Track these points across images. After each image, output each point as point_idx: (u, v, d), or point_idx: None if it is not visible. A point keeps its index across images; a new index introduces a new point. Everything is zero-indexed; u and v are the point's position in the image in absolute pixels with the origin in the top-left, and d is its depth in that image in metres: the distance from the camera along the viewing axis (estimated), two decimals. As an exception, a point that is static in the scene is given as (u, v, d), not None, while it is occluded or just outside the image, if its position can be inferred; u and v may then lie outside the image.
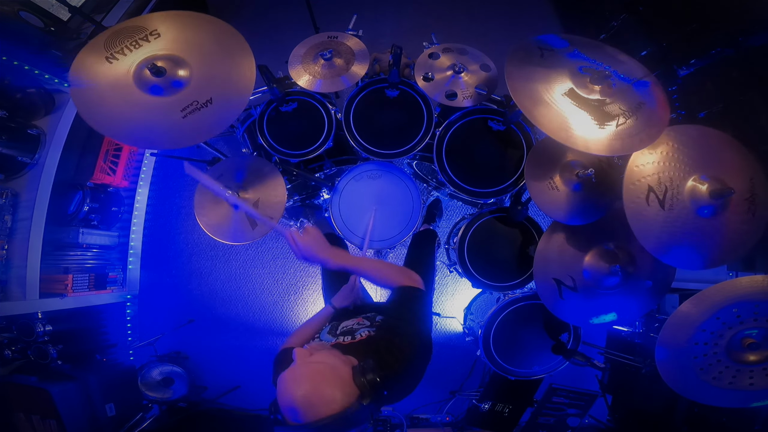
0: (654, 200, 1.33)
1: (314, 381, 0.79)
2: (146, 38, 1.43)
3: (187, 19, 1.48)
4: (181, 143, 1.39)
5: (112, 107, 1.35)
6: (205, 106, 1.36)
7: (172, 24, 1.46)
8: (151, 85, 1.36)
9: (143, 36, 1.42)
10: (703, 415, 1.92)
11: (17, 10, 1.86)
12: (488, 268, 1.81)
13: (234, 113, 1.39)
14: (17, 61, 2.09)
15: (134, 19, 1.48)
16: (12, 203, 2.12)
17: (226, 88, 1.39)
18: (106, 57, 1.39)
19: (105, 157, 2.57)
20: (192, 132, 1.36)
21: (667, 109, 1.38)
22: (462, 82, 1.70)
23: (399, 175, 1.80)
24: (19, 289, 2.07)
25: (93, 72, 1.37)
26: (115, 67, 1.38)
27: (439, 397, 2.42)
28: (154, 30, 1.44)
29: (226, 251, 2.83)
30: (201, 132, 1.37)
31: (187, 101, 1.36)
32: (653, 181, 1.33)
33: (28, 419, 2.06)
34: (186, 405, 2.58)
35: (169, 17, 1.48)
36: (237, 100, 1.39)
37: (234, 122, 2.00)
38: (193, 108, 1.36)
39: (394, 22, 3.00)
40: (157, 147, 1.68)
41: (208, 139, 1.43)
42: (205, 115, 1.36)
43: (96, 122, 1.33)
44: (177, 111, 1.35)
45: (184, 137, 1.38)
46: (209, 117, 1.36)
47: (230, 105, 1.38)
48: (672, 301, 1.96)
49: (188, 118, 1.35)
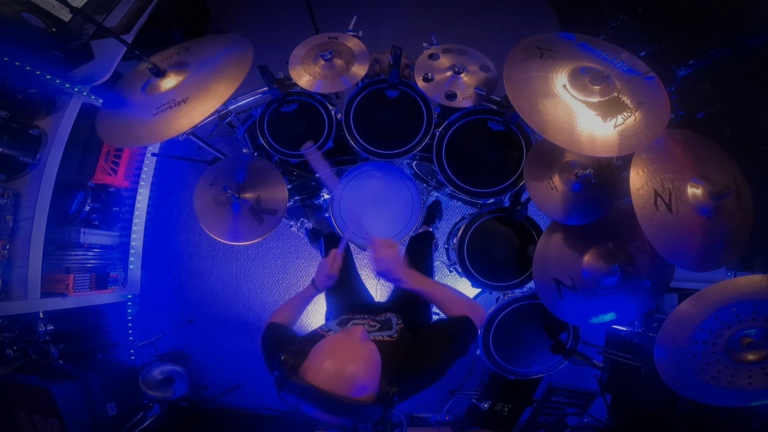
0: (662, 204, 1.33)
1: (367, 364, 0.82)
2: (179, 52, 1.53)
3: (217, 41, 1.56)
4: (143, 141, 1.38)
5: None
6: (177, 105, 1.32)
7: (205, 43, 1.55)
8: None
9: (178, 51, 1.54)
10: (701, 414, 1.92)
11: (19, 10, 1.87)
12: (488, 267, 1.82)
13: (200, 116, 1.32)
14: (19, 61, 2.10)
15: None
16: (13, 203, 2.13)
17: (204, 91, 1.35)
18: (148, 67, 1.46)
19: (106, 157, 2.58)
20: (154, 131, 1.32)
21: (667, 108, 1.39)
22: (462, 82, 1.71)
23: (399, 175, 1.81)
24: (21, 289, 2.08)
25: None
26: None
27: (439, 397, 2.42)
28: (189, 47, 1.53)
29: (227, 251, 2.83)
30: (162, 132, 1.31)
31: (165, 99, 1.34)
32: (657, 184, 1.34)
33: (29, 418, 2.07)
34: (187, 404, 2.59)
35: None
36: (210, 104, 1.32)
37: (234, 125, 2.00)
38: (166, 106, 1.32)
39: (394, 23, 3.00)
40: (116, 143, 1.65)
41: (165, 139, 1.38)
42: (173, 115, 1.32)
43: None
44: (152, 108, 1.34)
45: (146, 136, 1.34)
46: (177, 118, 1.31)
47: (201, 108, 1.31)
48: (671, 301, 1.97)
49: (158, 116, 1.32)
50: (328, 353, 0.81)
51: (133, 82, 1.51)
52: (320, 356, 0.81)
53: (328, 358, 0.80)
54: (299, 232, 2.51)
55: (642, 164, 1.36)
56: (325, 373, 0.78)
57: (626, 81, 1.39)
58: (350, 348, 0.82)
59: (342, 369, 0.79)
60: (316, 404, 0.77)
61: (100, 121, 1.43)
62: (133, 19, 2.30)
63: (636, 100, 1.36)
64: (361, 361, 0.81)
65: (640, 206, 1.32)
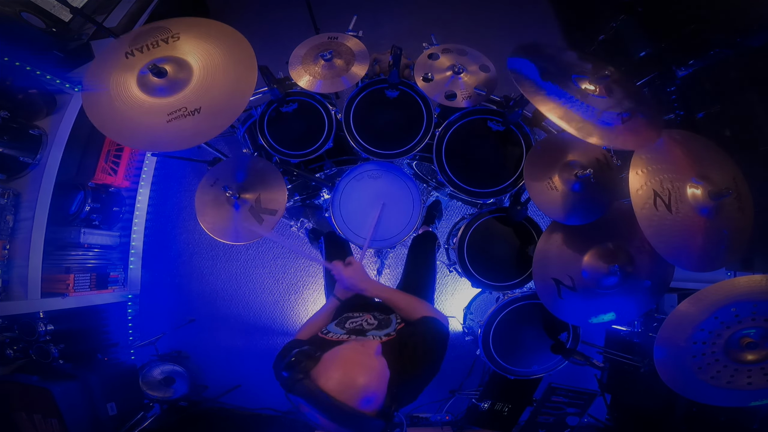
0: (661, 204, 1.33)
1: (378, 379, 0.84)
2: (167, 40, 1.45)
3: (210, 29, 1.50)
4: (157, 147, 1.39)
5: (112, 101, 1.36)
6: (192, 114, 1.33)
7: (194, 30, 1.49)
8: (151, 85, 1.37)
9: (165, 37, 1.46)
10: (701, 414, 1.93)
11: (19, 11, 1.87)
12: (488, 267, 1.82)
13: (217, 128, 1.34)
14: (19, 61, 2.10)
15: (162, 20, 1.51)
16: (14, 203, 2.13)
17: (218, 102, 1.36)
18: (126, 52, 1.42)
19: (106, 157, 2.58)
20: (170, 138, 1.33)
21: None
22: (461, 82, 1.71)
23: (399, 175, 1.81)
24: (21, 289, 2.08)
25: (110, 65, 1.40)
26: (130, 63, 1.41)
27: (439, 396, 2.42)
28: (177, 33, 1.46)
29: (227, 251, 2.84)
30: (181, 140, 1.33)
31: (177, 106, 1.34)
32: (656, 185, 1.34)
33: (29, 418, 2.07)
34: (187, 404, 2.60)
35: (194, 24, 1.50)
36: (224, 116, 1.35)
37: (234, 125, 2.01)
38: (180, 114, 1.33)
39: (394, 23, 3.00)
40: (134, 145, 1.61)
41: (183, 149, 1.39)
42: (188, 123, 1.33)
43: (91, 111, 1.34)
44: (164, 114, 1.34)
45: (161, 142, 1.35)
46: (192, 126, 1.33)
47: (216, 119, 1.34)
48: (670, 301, 1.97)
49: (172, 124, 1.33)
50: (343, 363, 0.84)
51: (113, 65, 1.44)
52: (335, 364, 0.83)
53: (342, 367, 0.83)
54: (299, 232, 2.51)
55: (641, 164, 1.36)
56: (336, 381, 0.80)
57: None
58: (364, 361, 0.85)
59: (354, 380, 0.81)
60: (323, 410, 0.78)
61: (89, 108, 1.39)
62: (133, 19, 2.30)
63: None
64: (373, 375, 0.83)
65: (640, 206, 1.32)
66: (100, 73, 1.41)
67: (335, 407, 0.78)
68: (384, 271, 2.62)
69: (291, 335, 3.00)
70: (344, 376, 0.81)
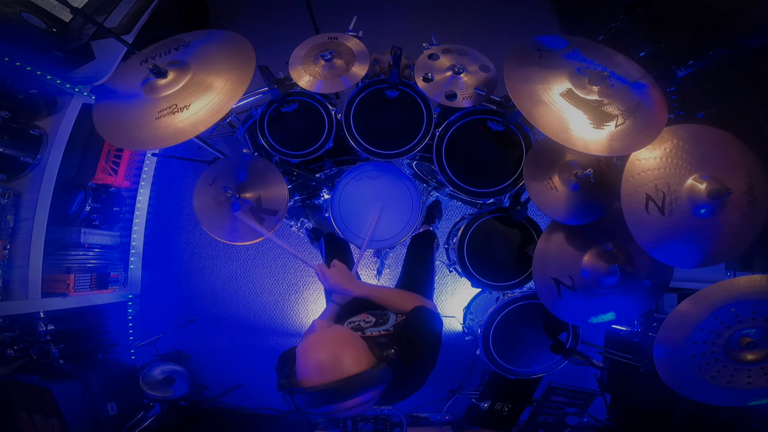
0: (653, 208, 1.33)
1: (338, 343, 0.85)
2: (178, 48, 1.50)
3: (216, 36, 1.55)
4: (147, 145, 1.38)
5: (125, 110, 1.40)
6: (180, 111, 1.33)
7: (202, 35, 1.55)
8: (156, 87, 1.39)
9: (177, 46, 1.51)
10: (701, 413, 1.93)
11: (19, 11, 1.87)
12: (487, 267, 1.82)
13: (202, 126, 1.33)
14: (19, 62, 2.10)
15: (182, 34, 1.59)
16: (14, 203, 2.13)
17: (207, 101, 1.36)
18: (141, 60, 1.49)
19: (107, 157, 2.58)
20: (157, 136, 1.33)
21: (664, 110, 1.39)
22: (461, 82, 1.71)
23: (399, 175, 1.81)
24: (22, 289, 2.08)
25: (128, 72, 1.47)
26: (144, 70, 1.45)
27: (439, 396, 2.43)
28: (189, 42, 1.52)
29: (227, 251, 2.84)
30: (165, 138, 1.32)
31: (168, 103, 1.35)
32: (650, 189, 1.34)
33: (30, 418, 2.07)
34: (187, 404, 2.60)
35: (206, 34, 1.57)
36: (210, 115, 1.33)
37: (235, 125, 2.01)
38: (169, 111, 1.34)
39: (394, 23, 3.00)
40: (123, 145, 1.60)
41: (168, 147, 1.39)
42: (173, 120, 1.33)
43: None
44: (155, 111, 1.35)
45: (149, 140, 1.35)
46: (177, 124, 1.32)
47: (203, 118, 1.33)
48: (670, 301, 1.97)
49: (160, 120, 1.34)
50: (302, 355, 0.84)
51: (131, 76, 1.50)
52: (299, 363, 0.84)
53: (303, 359, 0.84)
54: (299, 232, 2.51)
55: (638, 168, 1.36)
56: (310, 371, 0.81)
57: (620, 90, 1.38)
58: (314, 340, 0.86)
59: (319, 359, 0.82)
60: (330, 399, 0.79)
61: (97, 115, 1.43)
62: (133, 19, 2.30)
63: (634, 101, 1.37)
64: (328, 343, 0.84)
65: (630, 211, 1.33)
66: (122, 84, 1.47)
67: (333, 389, 0.78)
68: (384, 271, 2.62)
69: (291, 335, 3.01)
70: (310, 363, 0.82)
